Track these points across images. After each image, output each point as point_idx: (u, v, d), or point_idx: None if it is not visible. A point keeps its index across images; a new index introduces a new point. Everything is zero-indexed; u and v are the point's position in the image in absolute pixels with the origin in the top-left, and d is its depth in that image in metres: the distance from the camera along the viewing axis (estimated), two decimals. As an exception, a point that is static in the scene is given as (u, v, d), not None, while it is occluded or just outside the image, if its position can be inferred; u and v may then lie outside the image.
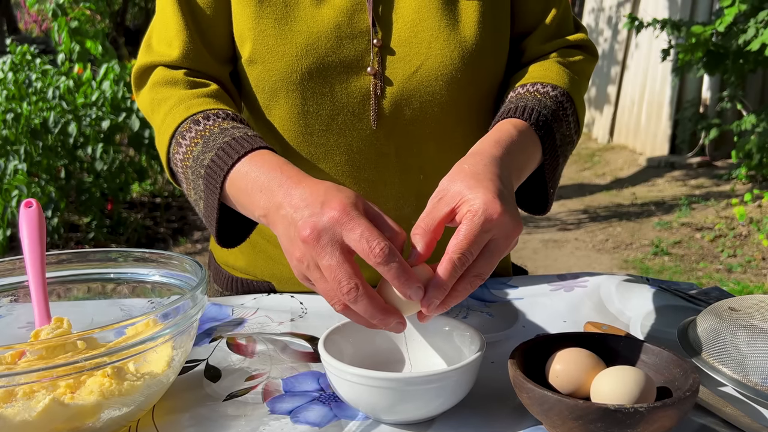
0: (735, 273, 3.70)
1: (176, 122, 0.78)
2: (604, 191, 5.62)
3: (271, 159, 0.70)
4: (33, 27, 11.18)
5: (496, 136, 0.73)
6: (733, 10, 3.97)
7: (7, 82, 3.87)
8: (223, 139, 0.73)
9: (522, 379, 0.58)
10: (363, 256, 0.57)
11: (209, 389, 0.68)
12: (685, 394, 0.56)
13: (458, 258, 0.59)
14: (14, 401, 0.56)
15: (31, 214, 0.73)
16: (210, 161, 0.72)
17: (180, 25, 0.83)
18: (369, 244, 0.57)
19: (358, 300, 0.58)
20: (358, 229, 0.58)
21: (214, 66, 0.85)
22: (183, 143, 0.77)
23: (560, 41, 0.89)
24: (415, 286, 0.58)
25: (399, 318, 0.60)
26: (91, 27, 4.52)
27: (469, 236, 0.59)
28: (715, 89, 5.90)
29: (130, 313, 0.75)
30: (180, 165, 0.78)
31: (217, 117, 0.77)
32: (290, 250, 0.62)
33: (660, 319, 0.83)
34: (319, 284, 0.60)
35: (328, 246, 0.58)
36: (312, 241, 0.58)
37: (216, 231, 0.76)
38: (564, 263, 3.91)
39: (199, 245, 4.23)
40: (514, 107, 0.78)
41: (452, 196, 0.62)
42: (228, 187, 0.71)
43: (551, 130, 0.78)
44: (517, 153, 0.72)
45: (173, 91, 0.81)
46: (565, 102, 0.82)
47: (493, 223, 0.59)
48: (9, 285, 0.73)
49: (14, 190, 3.48)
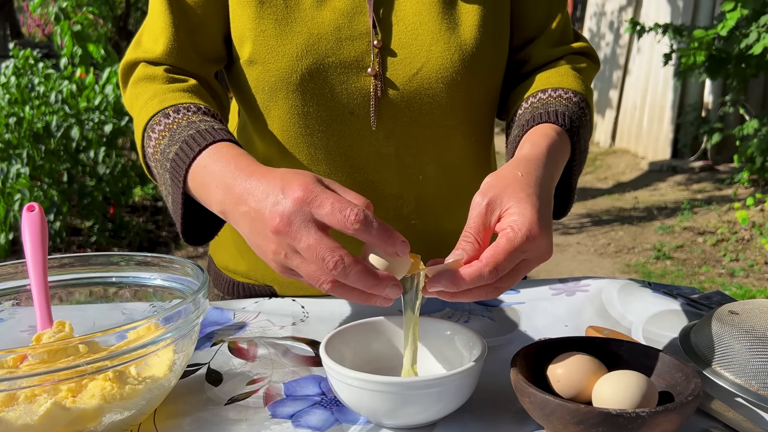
0: (737, 277, 3.69)
1: (148, 116, 0.78)
2: (606, 195, 5.62)
3: (228, 151, 0.68)
4: (36, 31, 11.21)
5: (546, 141, 0.72)
6: (735, 15, 3.98)
7: (10, 86, 3.88)
8: (188, 132, 0.72)
9: (523, 383, 0.58)
10: (339, 227, 0.56)
11: (210, 393, 0.68)
12: (687, 398, 0.56)
13: (489, 271, 0.59)
14: (16, 405, 0.56)
15: (34, 218, 0.73)
16: (174, 155, 0.71)
17: (166, 22, 0.83)
18: (342, 214, 0.56)
19: (348, 271, 0.56)
20: (327, 202, 0.57)
21: (199, 64, 0.85)
22: (153, 137, 0.76)
23: (567, 47, 0.90)
24: (399, 241, 0.57)
25: (393, 281, 0.58)
26: (93, 31, 4.54)
27: (507, 253, 0.59)
28: (718, 93, 5.90)
29: (132, 317, 0.75)
30: (151, 159, 0.77)
31: (188, 110, 0.76)
32: (262, 245, 0.60)
33: (662, 323, 0.82)
34: (302, 269, 0.58)
35: (302, 228, 0.57)
36: (284, 228, 0.57)
37: (181, 227, 0.74)
38: (566, 267, 3.91)
39: (200, 249, 4.23)
40: (545, 111, 0.78)
41: (500, 203, 0.63)
42: (190, 181, 0.70)
43: (579, 135, 0.79)
44: (560, 161, 0.74)
45: (150, 86, 0.81)
46: (585, 108, 0.82)
47: (532, 245, 0.60)
48: (11, 289, 0.73)
49: (17, 193, 3.49)
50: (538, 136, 0.74)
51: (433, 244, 0.90)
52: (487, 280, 0.59)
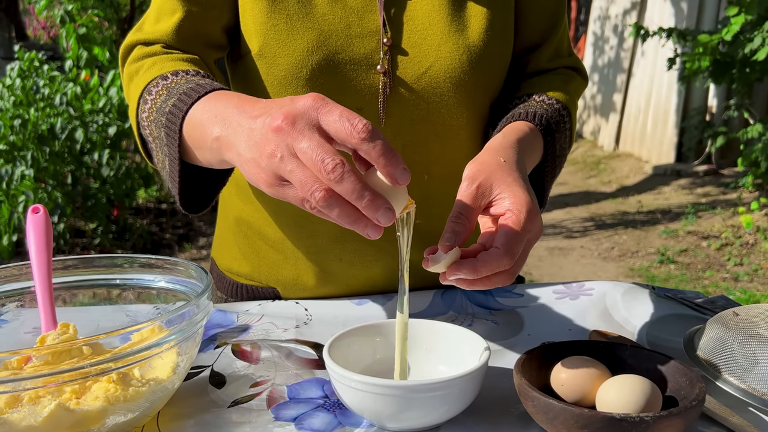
0: (742, 282, 3.68)
1: (146, 81, 0.77)
2: (610, 199, 5.61)
3: (231, 93, 0.66)
4: (41, 34, 11.25)
5: (517, 134, 0.77)
6: (740, 19, 3.98)
7: (15, 88, 3.89)
8: (186, 86, 0.71)
9: (527, 387, 0.58)
10: (345, 135, 0.53)
11: (214, 396, 0.68)
12: (691, 403, 0.56)
13: (507, 256, 0.60)
14: (20, 406, 0.57)
15: (38, 220, 0.73)
16: (171, 106, 0.70)
17: (171, 6, 0.83)
18: (351, 122, 0.53)
19: (345, 177, 0.52)
20: (336, 110, 0.54)
21: (199, 49, 0.85)
22: (149, 99, 0.75)
23: (561, 60, 0.95)
24: (401, 167, 0.54)
25: (387, 204, 0.54)
26: (98, 34, 4.56)
27: (517, 236, 0.61)
28: (722, 97, 5.89)
29: (136, 319, 0.75)
30: (146, 122, 0.75)
31: (187, 73, 0.76)
32: (258, 152, 0.56)
33: (666, 327, 0.82)
34: (297, 174, 0.54)
35: (306, 129, 0.54)
36: (287, 126, 0.54)
37: (178, 191, 0.72)
38: (569, 271, 3.90)
39: (204, 251, 4.24)
40: (524, 112, 0.83)
41: (489, 188, 0.65)
42: (186, 130, 0.68)
43: (554, 139, 0.84)
44: (531, 154, 0.78)
45: (149, 59, 0.81)
46: (566, 116, 0.87)
47: (533, 224, 0.63)
48: (16, 290, 0.73)
49: (21, 195, 3.50)
50: (510, 129, 0.79)
51: (437, 245, 0.90)
52: (505, 265, 0.61)
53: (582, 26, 8.91)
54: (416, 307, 0.88)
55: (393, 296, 0.91)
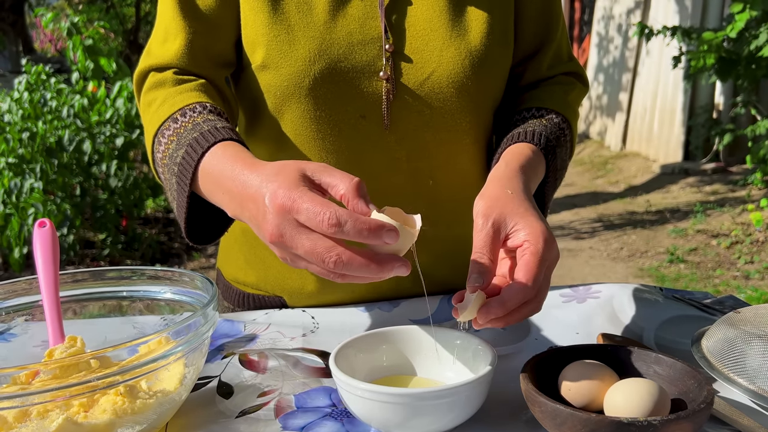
0: (752, 280, 3.66)
1: (159, 122, 0.81)
2: (618, 199, 5.59)
3: (225, 152, 0.71)
4: (48, 46, 11.33)
5: (519, 161, 0.78)
6: (744, 16, 3.96)
7: (23, 101, 3.93)
8: (192, 135, 0.75)
9: (534, 392, 0.58)
10: (319, 231, 0.58)
11: (222, 406, 0.69)
12: (700, 406, 0.55)
13: (531, 286, 0.62)
14: (28, 421, 0.57)
15: (45, 234, 0.74)
16: (181, 159, 0.75)
17: (177, 27, 0.84)
18: (318, 219, 0.57)
19: (349, 266, 0.57)
20: (302, 208, 0.58)
21: (209, 68, 0.86)
22: (162, 141, 0.79)
23: (561, 66, 0.95)
24: (384, 231, 0.57)
25: (398, 262, 0.58)
26: (105, 45, 4.59)
27: (537, 265, 0.63)
28: (728, 94, 5.86)
29: (143, 331, 0.75)
30: (159, 164, 0.80)
31: (193, 112, 0.78)
32: (268, 244, 0.63)
33: (674, 329, 0.82)
34: (311, 269, 0.61)
35: (295, 235, 0.59)
36: (278, 239, 0.60)
37: (185, 230, 0.78)
38: (579, 272, 3.89)
39: (212, 260, 4.25)
40: (523, 131, 0.84)
41: (505, 222, 0.67)
42: (200, 185, 0.73)
43: (555, 155, 0.85)
44: (533, 177, 0.79)
45: (160, 92, 0.83)
46: (566, 129, 0.88)
47: (550, 252, 0.65)
48: (24, 304, 0.74)
49: (30, 208, 3.52)
50: (512, 154, 0.80)
51: (443, 251, 0.90)
52: (530, 295, 0.63)
53: (586, 26, 8.89)
54: (422, 312, 0.88)
55: (399, 303, 0.91)
